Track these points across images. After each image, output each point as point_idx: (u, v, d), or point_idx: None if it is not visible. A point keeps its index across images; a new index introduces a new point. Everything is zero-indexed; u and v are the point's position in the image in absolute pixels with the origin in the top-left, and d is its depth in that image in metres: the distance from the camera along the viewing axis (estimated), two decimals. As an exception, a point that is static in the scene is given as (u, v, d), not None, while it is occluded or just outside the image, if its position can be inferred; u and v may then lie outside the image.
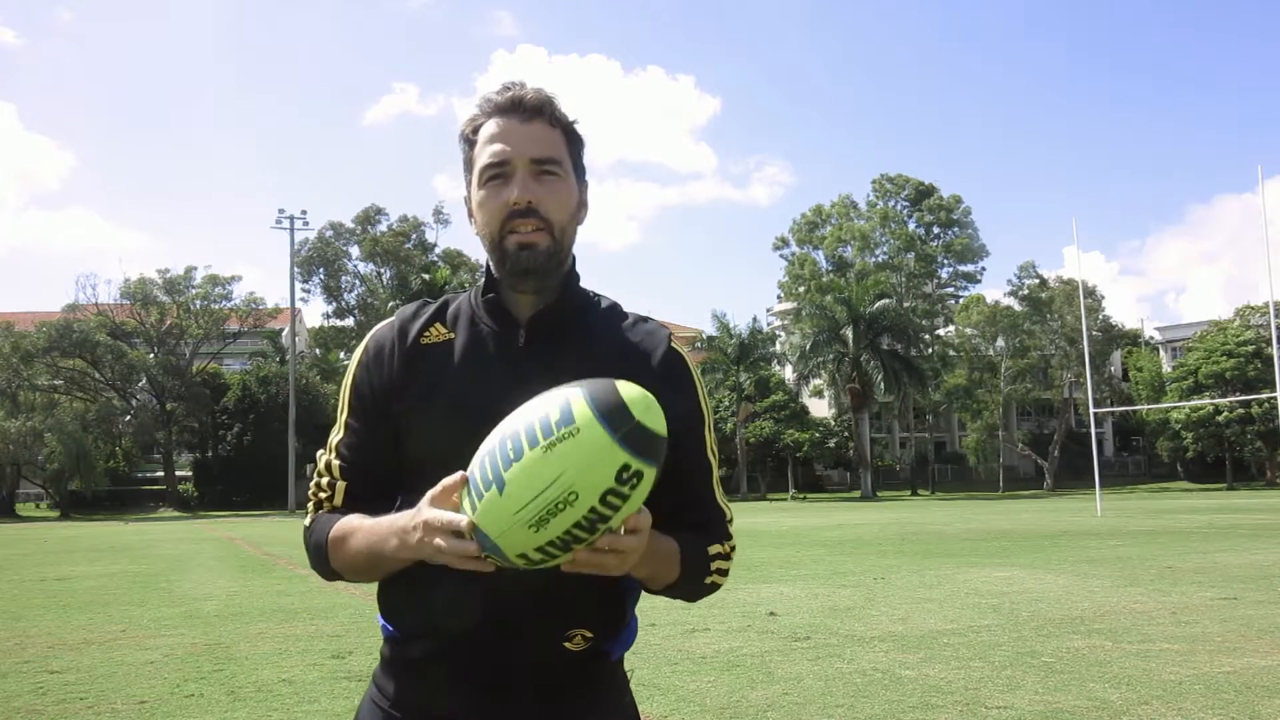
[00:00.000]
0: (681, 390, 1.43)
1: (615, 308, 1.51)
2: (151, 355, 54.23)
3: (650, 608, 9.13)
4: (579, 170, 1.46)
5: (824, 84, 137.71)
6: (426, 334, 1.45)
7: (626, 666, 1.64)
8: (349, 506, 1.42)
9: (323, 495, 1.45)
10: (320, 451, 1.49)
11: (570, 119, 1.44)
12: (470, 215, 1.45)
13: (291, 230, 51.56)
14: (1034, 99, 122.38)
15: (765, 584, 10.84)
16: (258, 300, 56.21)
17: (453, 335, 1.44)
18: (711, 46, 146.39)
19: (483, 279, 1.46)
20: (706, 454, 1.46)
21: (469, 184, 1.45)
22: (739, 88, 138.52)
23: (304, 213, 53.63)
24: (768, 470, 58.06)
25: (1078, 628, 7.49)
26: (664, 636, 7.48)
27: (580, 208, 1.46)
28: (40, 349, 49.34)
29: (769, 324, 63.44)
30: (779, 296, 66.66)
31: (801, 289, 58.00)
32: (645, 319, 1.50)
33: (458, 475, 1.20)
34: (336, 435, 1.47)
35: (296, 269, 53.13)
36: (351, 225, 55.24)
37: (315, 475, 1.47)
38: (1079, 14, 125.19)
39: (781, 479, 57.53)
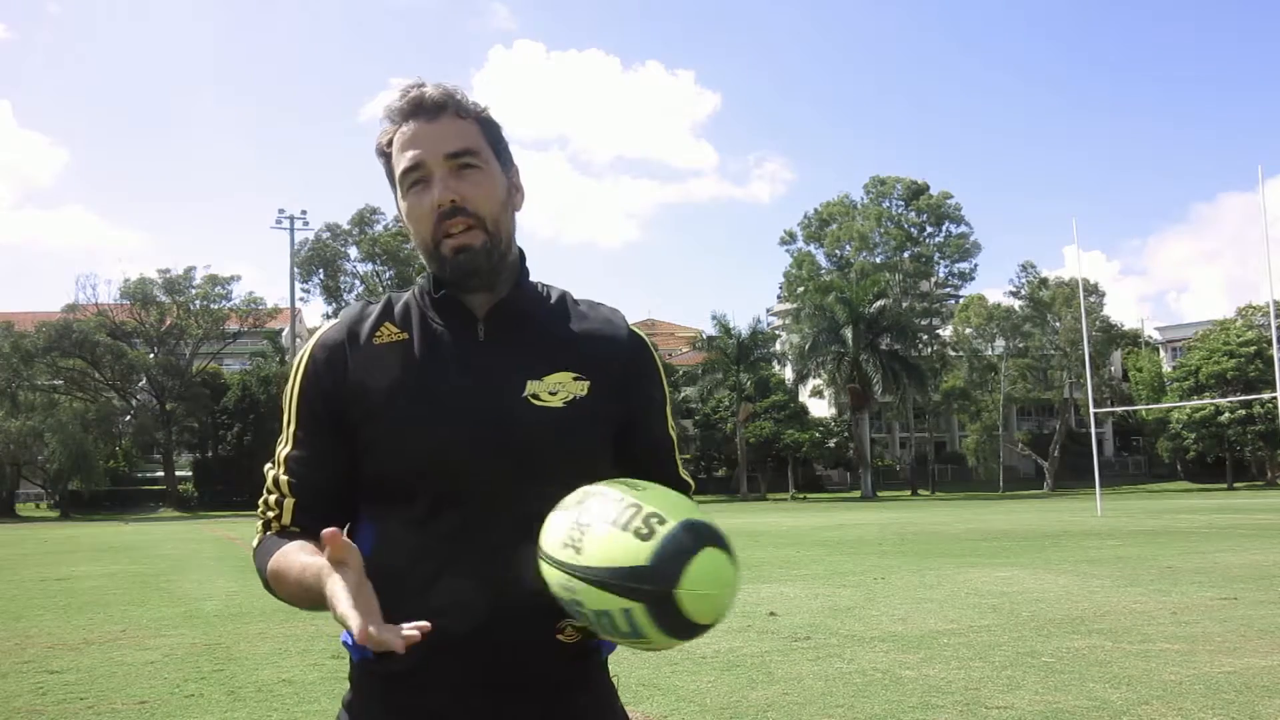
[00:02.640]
0: (650, 375, 1.47)
1: (566, 295, 1.48)
2: (151, 355, 54.24)
3: (650, 608, 9.13)
4: (502, 155, 1.41)
5: (825, 81, 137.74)
6: (378, 334, 1.38)
7: (627, 668, 1.63)
8: (299, 524, 1.35)
9: (271, 514, 1.37)
10: (268, 466, 1.40)
11: (480, 107, 1.40)
12: (405, 228, 1.41)
13: (291, 230, 51.60)
14: (1034, 98, 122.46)
15: (765, 584, 10.85)
16: (257, 300, 56.22)
17: (406, 335, 1.37)
18: (711, 41, 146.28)
19: (430, 275, 1.41)
20: (670, 431, 1.51)
21: (396, 198, 1.40)
22: (739, 83, 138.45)
23: (304, 213, 53.63)
24: (767, 470, 58.07)
25: (1078, 628, 7.49)
26: (664, 636, 7.48)
27: (513, 193, 1.42)
28: (40, 349, 49.34)
29: (769, 324, 63.47)
30: (779, 296, 66.70)
31: (801, 289, 58.01)
32: (598, 304, 1.49)
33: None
34: (284, 448, 1.37)
35: (296, 269, 53.16)
36: (348, 226, 55.24)
37: (264, 492, 1.38)
38: (1079, 14, 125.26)
39: (781, 479, 57.55)
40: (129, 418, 54.36)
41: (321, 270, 54.96)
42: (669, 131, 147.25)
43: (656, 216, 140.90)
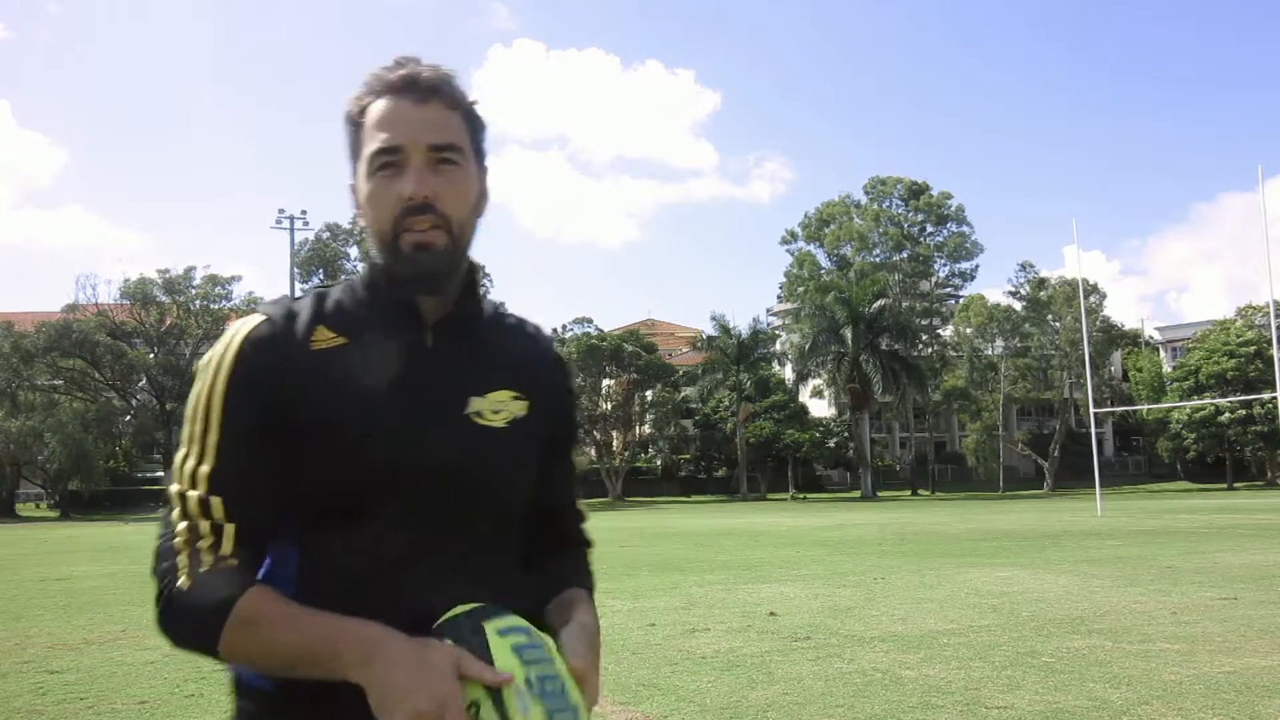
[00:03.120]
0: (572, 399, 1.43)
1: (500, 308, 1.41)
2: (151, 355, 54.24)
3: (650, 608, 9.13)
4: (480, 155, 1.30)
5: (825, 81, 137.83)
6: (314, 339, 1.23)
7: (627, 668, 1.63)
8: (240, 556, 1.15)
9: (203, 543, 1.13)
10: (175, 487, 1.18)
11: (470, 99, 1.29)
12: (357, 206, 1.29)
13: (291, 230, 51.61)
14: (1035, 98, 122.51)
15: (765, 584, 10.85)
16: (258, 300, 55.72)
17: (344, 339, 1.23)
18: (711, 40, 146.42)
19: (367, 273, 1.29)
20: (577, 457, 1.47)
21: (355, 172, 1.28)
22: (739, 82, 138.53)
23: (304, 213, 53.68)
24: (767, 470, 58.06)
25: (1078, 628, 7.49)
26: (664, 636, 7.48)
27: (481, 199, 1.30)
28: (40, 349, 49.34)
29: (769, 324, 63.47)
30: (779, 296, 66.70)
31: (801, 289, 58.06)
32: (524, 319, 1.41)
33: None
34: (205, 465, 1.16)
35: (296, 269, 53.17)
36: (348, 226, 55.26)
37: (175, 519, 1.15)
38: (1079, 14, 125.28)
39: (781, 479, 57.53)
40: (129, 418, 54.37)
41: (321, 270, 54.95)
42: (669, 131, 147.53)
43: (656, 216, 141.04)
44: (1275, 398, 31.03)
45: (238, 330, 1.23)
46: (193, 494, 1.16)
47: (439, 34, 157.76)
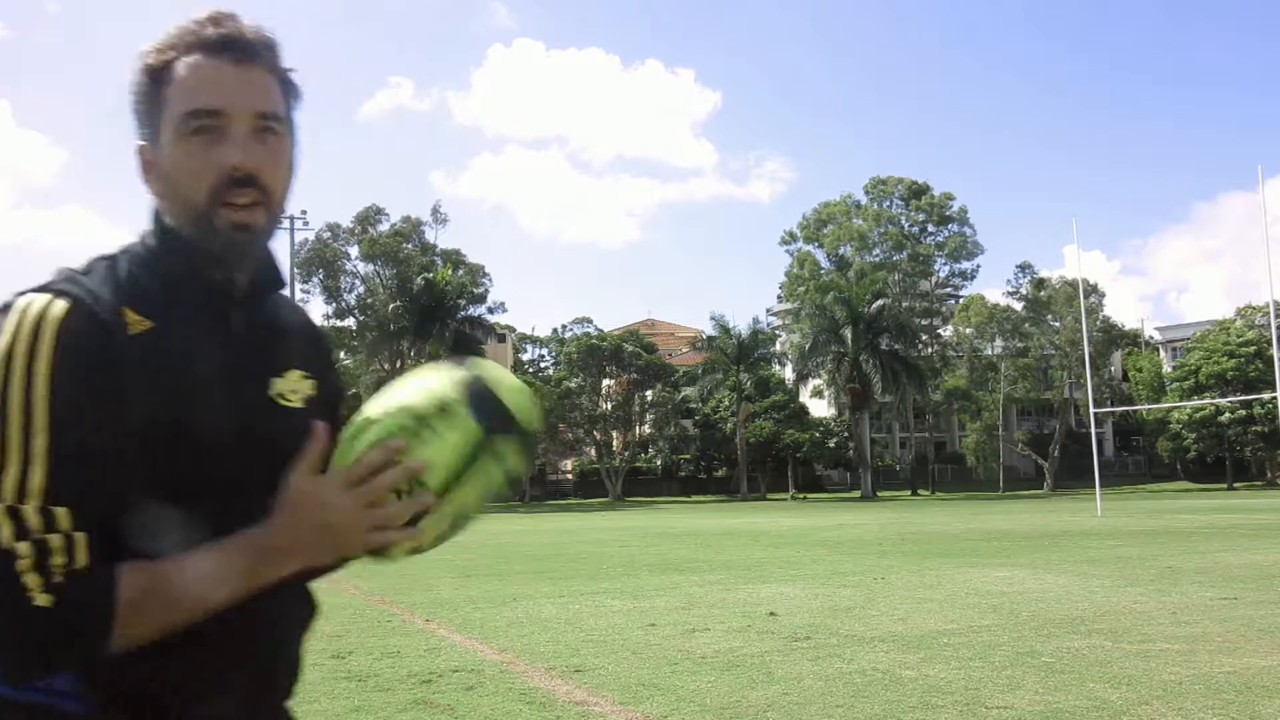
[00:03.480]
0: (336, 371, 1.40)
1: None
2: (151, 355, 54.30)
3: (650, 608, 9.13)
4: (293, 128, 1.22)
5: (825, 81, 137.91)
6: (127, 324, 1.10)
7: (627, 668, 1.62)
8: (94, 569, 1.02)
9: (55, 560, 0.99)
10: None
11: (288, 67, 1.20)
12: (147, 169, 1.17)
13: (291, 230, 51.56)
14: (1035, 98, 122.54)
15: (765, 584, 10.85)
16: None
17: (151, 323, 1.11)
18: (711, 39, 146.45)
19: (160, 244, 1.17)
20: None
21: (154, 132, 1.15)
22: (739, 82, 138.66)
23: (304, 213, 53.46)
24: (767, 470, 58.10)
25: (1078, 628, 7.49)
26: (664, 636, 7.48)
27: (292, 174, 1.22)
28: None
29: (769, 324, 63.51)
30: (779, 296, 66.74)
31: (801, 289, 58.11)
32: (286, 296, 1.34)
33: (320, 426, 1.09)
34: (36, 474, 1.01)
35: (296, 269, 53.17)
36: (351, 225, 55.29)
37: (7, 540, 0.99)
38: (1080, 13, 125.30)
39: (781, 479, 57.57)
40: (129, 418, 54.41)
41: (321, 270, 54.98)
42: (669, 130, 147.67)
43: (656, 216, 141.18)
44: (1275, 398, 31.03)
45: (42, 316, 1.05)
46: (28, 508, 1.00)
47: (439, 34, 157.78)
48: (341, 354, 63.47)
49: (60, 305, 1.06)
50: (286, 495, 1.08)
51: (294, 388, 1.23)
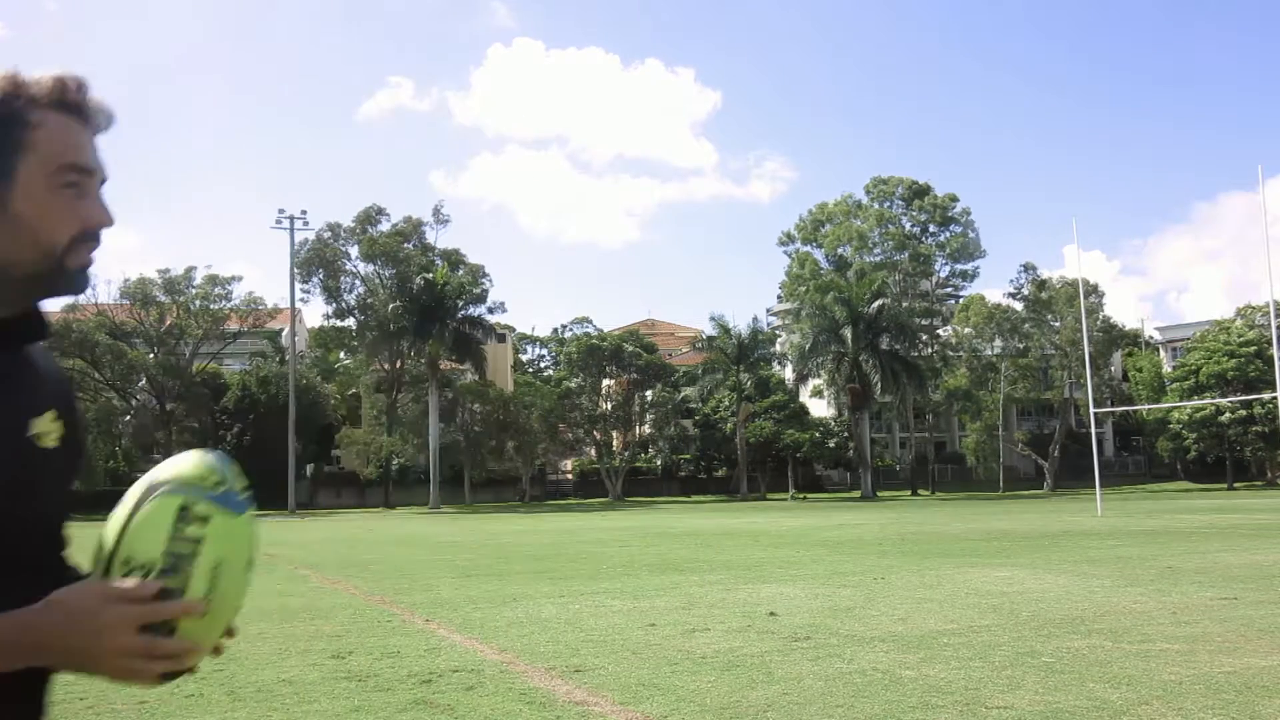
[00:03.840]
0: (84, 420, 1.38)
1: None
2: (151, 355, 54.28)
3: (650, 608, 9.13)
4: None
5: (825, 81, 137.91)
6: None
7: (626, 668, 1.61)
8: None
9: None
10: None
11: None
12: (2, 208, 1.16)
13: (291, 230, 51.62)
14: (1035, 98, 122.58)
15: (765, 584, 10.85)
16: (257, 300, 56.25)
17: None
18: (711, 39, 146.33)
19: None
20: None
21: (16, 176, 1.15)
22: (739, 81, 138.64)
23: (304, 213, 53.61)
24: (767, 470, 58.09)
25: (1078, 628, 7.49)
26: (664, 636, 7.48)
27: None
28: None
29: (769, 324, 63.52)
30: (779, 296, 66.74)
31: (802, 289, 58.11)
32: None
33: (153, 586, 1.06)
34: None
35: (296, 269, 53.18)
36: (351, 225, 55.29)
37: None
38: (1080, 13, 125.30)
39: (781, 479, 57.56)
40: (129, 418, 54.40)
41: (321, 270, 54.96)
42: (669, 130, 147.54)
43: (656, 216, 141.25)
44: (1275, 398, 31.04)
45: None
46: None
47: (439, 34, 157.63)
48: (342, 354, 63.68)
49: None
50: (73, 596, 1.05)
51: (49, 429, 1.19)
